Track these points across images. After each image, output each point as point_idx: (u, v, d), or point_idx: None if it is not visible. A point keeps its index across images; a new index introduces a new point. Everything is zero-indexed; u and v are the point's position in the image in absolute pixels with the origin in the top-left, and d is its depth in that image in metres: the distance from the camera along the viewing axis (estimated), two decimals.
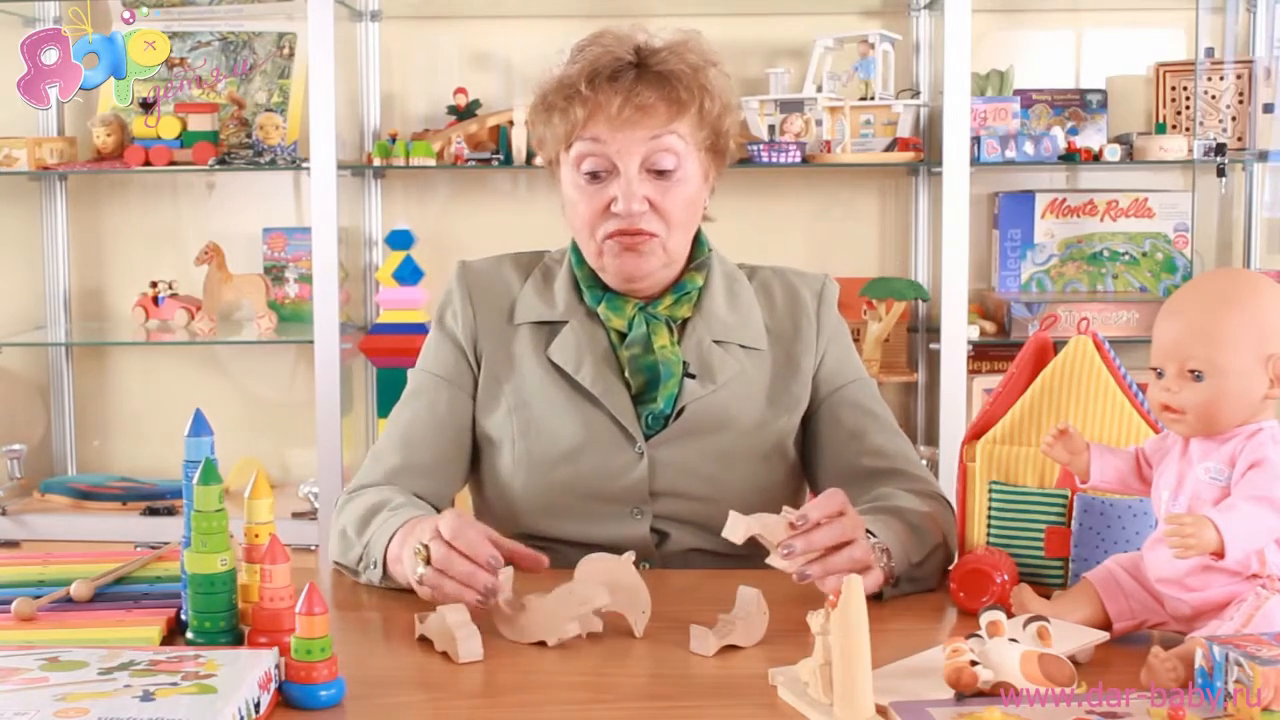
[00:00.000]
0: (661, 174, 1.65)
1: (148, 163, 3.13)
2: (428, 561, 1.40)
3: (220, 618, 1.29)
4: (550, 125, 1.68)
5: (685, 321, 1.72)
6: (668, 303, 1.71)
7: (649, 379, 1.68)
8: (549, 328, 1.73)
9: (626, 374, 1.69)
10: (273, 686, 1.19)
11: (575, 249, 1.75)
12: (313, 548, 3.01)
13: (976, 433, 1.55)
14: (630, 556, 1.40)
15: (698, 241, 1.75)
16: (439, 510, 1.69)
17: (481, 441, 1.75)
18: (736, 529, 1.38)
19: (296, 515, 3.13)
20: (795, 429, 1.75)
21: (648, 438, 1.68)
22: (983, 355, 3.20)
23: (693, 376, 1.69)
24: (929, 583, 1.55)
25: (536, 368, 1.71)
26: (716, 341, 1.71)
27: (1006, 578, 1.45)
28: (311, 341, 3.06)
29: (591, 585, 1.37)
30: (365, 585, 1.57)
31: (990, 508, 1.52)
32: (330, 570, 1.65)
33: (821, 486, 1.76)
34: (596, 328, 1.72)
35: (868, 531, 1.48)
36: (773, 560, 1.40)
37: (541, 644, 1.36)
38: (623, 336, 1.70)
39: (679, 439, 1.68)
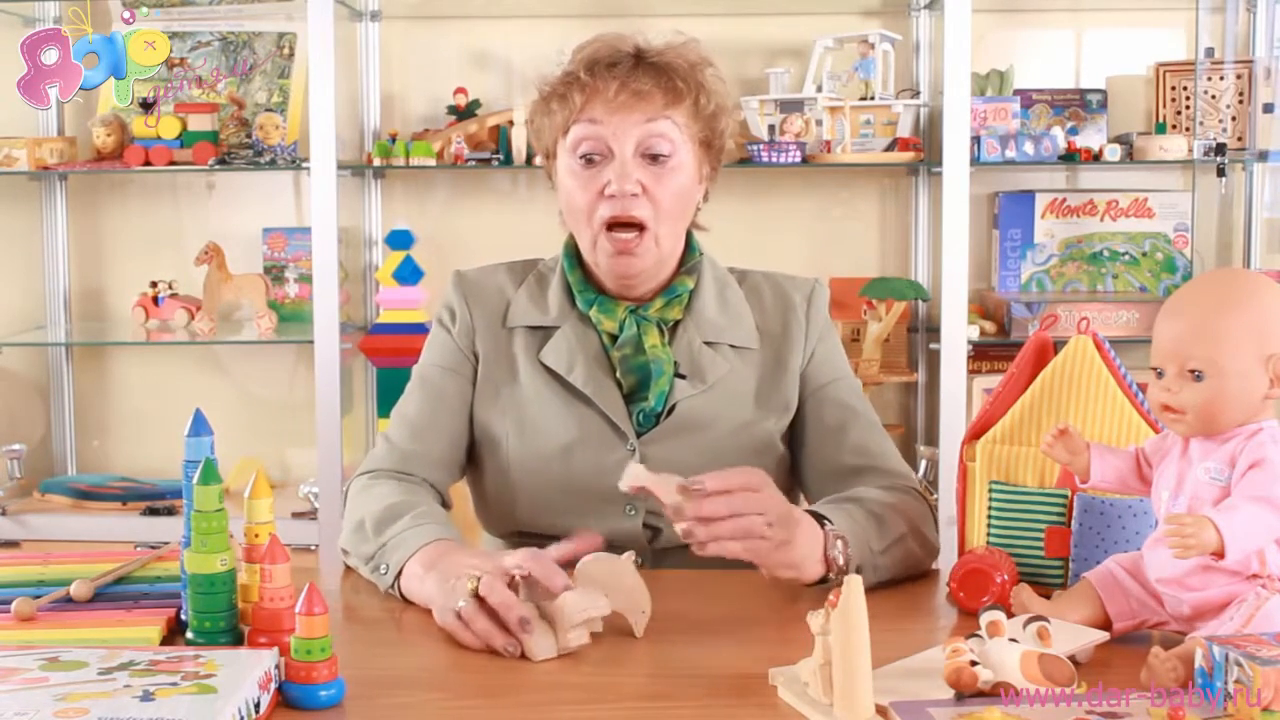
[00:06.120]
0: (655, 160, 1.68)
1: (148, 163, 3.13)
2: (474, 595, 1.36)
3: (220, 618, 1.29)
4: (549, 114, 1.72)
5: (676, 324, 1.74)
6: (658, 305, 1.74)
7: (640, 378, 1.71)
8: (542, 333, 1.75)
9: (618, 374, 1.71)
10: (273, 686, 1.19)
11: (568, 255, 1.78)
12: (313, 548, 3.01)
13: (976, 433, 1.55)
14: (630, 556, 1.40)
15: (689, 245, 1.78)
16: (445, 504, 1.72)
17: (478, 441, 1.77)
18: (627, 477, 1.40)
19: (296, 515, 3.13)
20: (784, 429, 1.77)
21: (639, 435, 1.70)
22: (983, 355, 3.20)
23: (683, 377, 1.71)
24: (894, 572, 1.55)
25: (531, 371, 1.74)
26: (707, 343, 1.74)
27: (1006, 578, 1.45)
28: (311, 341, 3.06)
29: (591, 593, 1.36)
30: (365, 585, 1.57)
31: (990, 508, 1.52)
32: (329, 570, 1.65)
33: (806, 482, 1.79)
34: (588, 331, 1.74)
35: (824, 519, 1.50)
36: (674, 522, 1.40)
37: None
38: (614, 339, 1.73)
39: (670, 436, 1.70)
